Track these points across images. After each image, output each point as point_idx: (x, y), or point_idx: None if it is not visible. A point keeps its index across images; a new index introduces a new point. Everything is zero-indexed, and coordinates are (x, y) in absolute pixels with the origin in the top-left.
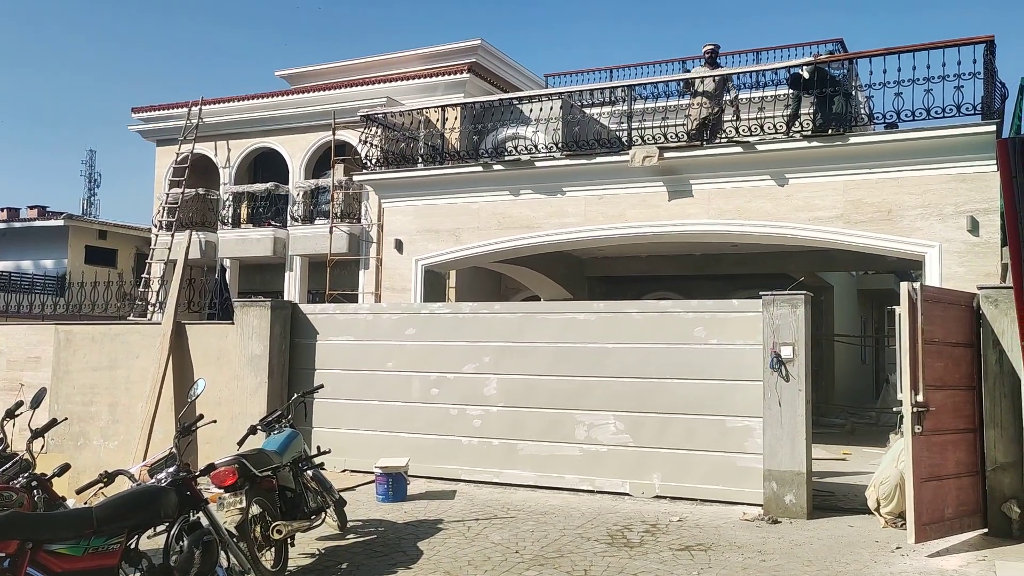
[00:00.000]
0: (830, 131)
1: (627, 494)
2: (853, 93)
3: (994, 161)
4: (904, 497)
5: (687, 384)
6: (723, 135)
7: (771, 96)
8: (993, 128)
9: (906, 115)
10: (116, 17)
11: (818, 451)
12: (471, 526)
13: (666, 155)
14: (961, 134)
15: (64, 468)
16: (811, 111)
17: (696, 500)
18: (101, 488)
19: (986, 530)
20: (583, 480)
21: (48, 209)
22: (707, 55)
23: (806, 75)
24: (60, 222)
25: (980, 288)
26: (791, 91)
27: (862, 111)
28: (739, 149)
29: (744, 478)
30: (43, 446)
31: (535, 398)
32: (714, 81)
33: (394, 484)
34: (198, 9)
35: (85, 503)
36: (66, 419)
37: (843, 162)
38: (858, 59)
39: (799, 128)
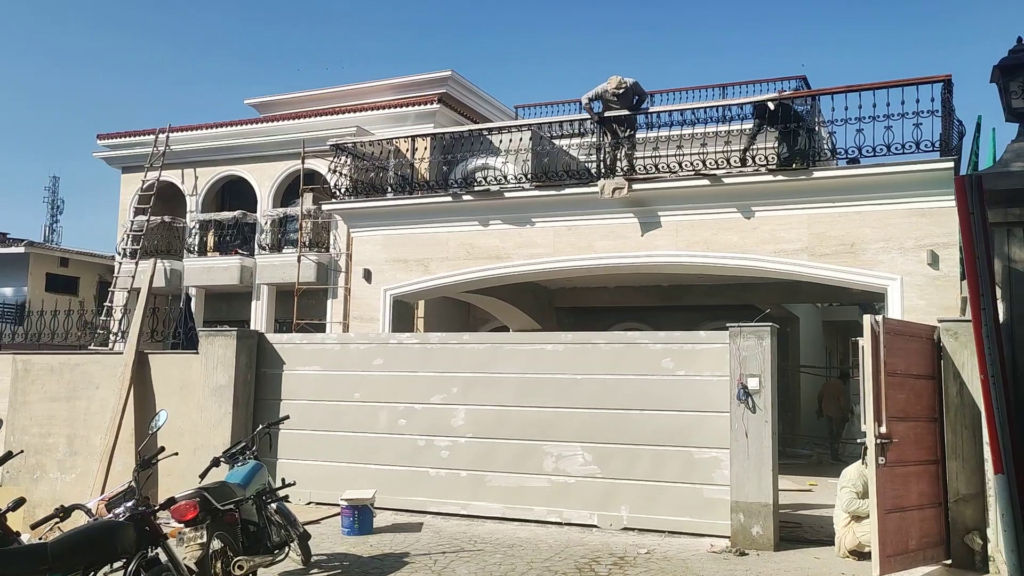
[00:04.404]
0: (794, 165)
1: (595, 526)
2: (816, 129)
3: (952, 196)
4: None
5: (655, 415)
6: (629, 168)
7: (737, 130)
8: (951, 164)
9: (867, 151)
10: (81, 42)
11: (784, 482)
12: (438, 559)
13: (634, 187)
14: (921, 170)
15: (19, 502)
16: (776, 145)
17: (664, 532)
18: (57, 523)
19: (949, 562)
20: (551, 512)
21: (8, 236)
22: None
23: (771, 107)
24: (20, 249)
25: (941, 321)
26: (754, 120)
27: (825, 146)
28: (706, 182)
29: (712, 510)
30: None
31: (503, 429)
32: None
33: (360, 517)
34: (166, 36)
35: (40, 538)
36: (22, 451)
37: (807, 196)
38: (821, 96)
39: (765, 162)
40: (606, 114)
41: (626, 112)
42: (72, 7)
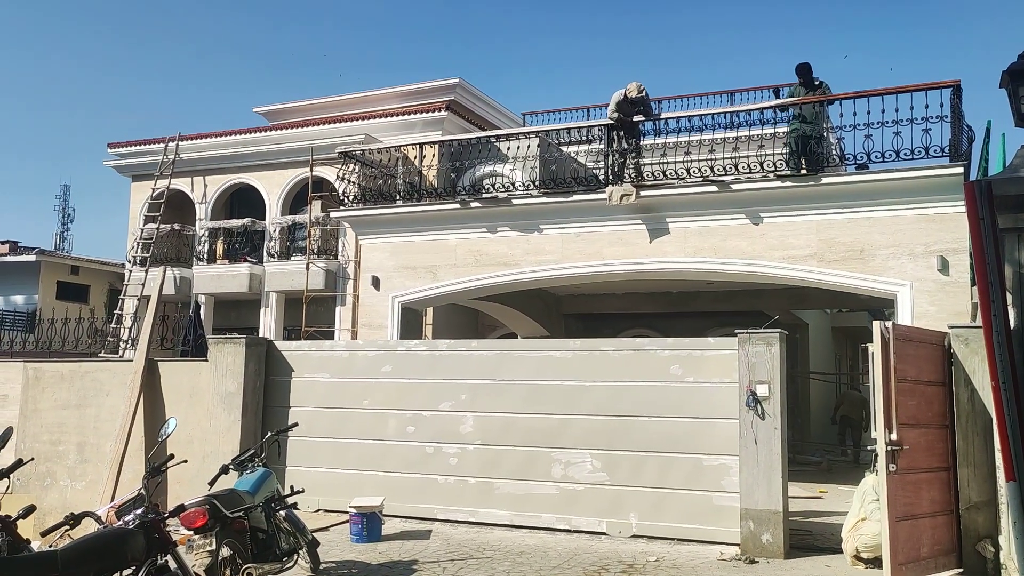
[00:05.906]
0: (803, 171)
1: (604, 533)
2: (825, 135)
3: (962, 202)
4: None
5: (663, 422)
6: (636, 175)
7: (744, 136)
8: (961, 170)
9: (876, 156)
10: (89, 46)
11: (794, 489)
12: (446, 567)
13: (643, 193)
14: (930, 175)
15: (30, 510)
16: (784, 151)
17: (673, 539)
18: (67, 530)
19: (961, 570)
20: (560, 519)
21: (20, 244)
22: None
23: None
24: (32, 257)
25: (951, 327)
26: (799, 83)
27: (834, 152)
28: (714, 188)
29: (721, 517)
30: (8, 487)
31: (512, 436)
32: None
33: (368, 524)
34: (175, 40)
35: (50, 546)
36: (32, 459)
37: (816, 202)
38: (829, 101)
39: (773, 167)
40: (633, 119)
41: (643, 118)
42: (78, 9)
